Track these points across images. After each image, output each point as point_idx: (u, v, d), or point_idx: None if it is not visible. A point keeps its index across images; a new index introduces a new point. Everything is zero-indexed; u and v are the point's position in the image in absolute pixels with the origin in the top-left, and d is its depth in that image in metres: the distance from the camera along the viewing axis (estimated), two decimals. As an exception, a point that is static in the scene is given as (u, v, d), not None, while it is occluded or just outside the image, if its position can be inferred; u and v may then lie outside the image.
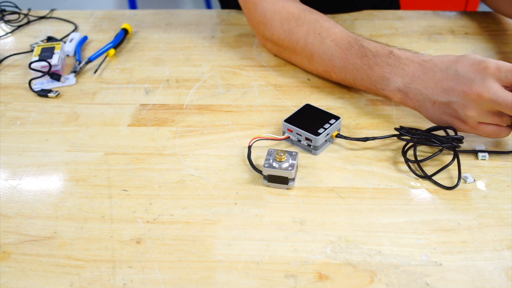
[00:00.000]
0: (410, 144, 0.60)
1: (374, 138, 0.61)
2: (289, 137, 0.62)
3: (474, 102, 0.56)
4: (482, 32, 0.86)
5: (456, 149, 0.58)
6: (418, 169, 0.58)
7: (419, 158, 0.58)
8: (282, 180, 0.56)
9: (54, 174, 0.60)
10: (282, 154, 0.56)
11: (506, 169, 0.59)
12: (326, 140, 0.62)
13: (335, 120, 0.62)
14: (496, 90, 0.54)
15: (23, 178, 0.60)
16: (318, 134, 0.60)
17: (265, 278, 0.48)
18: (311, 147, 0.61)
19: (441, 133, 0.61)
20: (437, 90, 0.59)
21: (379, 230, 0.52)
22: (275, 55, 0.80)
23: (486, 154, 0.60)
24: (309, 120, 0.62)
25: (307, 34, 0.71)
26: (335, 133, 0.62)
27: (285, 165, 0.56)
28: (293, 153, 0.57)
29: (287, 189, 0.57)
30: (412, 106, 0.62)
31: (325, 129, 0.60)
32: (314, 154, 0.61)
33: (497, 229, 0.52)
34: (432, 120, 0.61)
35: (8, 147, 0.65)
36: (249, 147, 0.60)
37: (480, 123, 0.57)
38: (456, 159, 0.57)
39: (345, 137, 0.62)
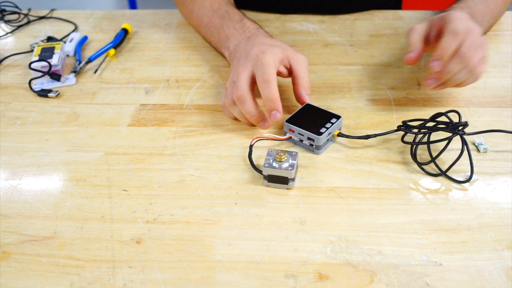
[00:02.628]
0: (417, 139, 0.60)
1: (375, 135, 0.61)
2: (290, 137, 0.62)
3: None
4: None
5: (463, 136, 0.58)
6: (435, 167, 0.58)
7: (419, 152, 0.59)
8: (282, 180, 0.56)
9: (54, 174, 0.60)
10: (282, 154, 0.56)
11: (506, 169, 0.59)
12: (328, 140, 0.62)
13: (336, 119, 0.62)
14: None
15: (23, 178, 0.60)
16: (320, 134, 0.60)
17: (265, 278, 0.48)
18: (314, 146, 0.61)
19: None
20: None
21: (379, 230, 0.52)
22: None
23: (487, 146, 0.61)
24: (311, 120, 0.62)
25: None
26: (337, 132, 0.62)
27: (285, 165, 0.56)
28: (293, 153, 0.57)
29: (287, 189, 0.57)
30: (229, 61, 0.72)
31: (327, 128, 0.60)
32: (317, 153, 0.61)
33: (497, 229, 0.52)
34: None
35: (8, 147, 0.65)
36: (250, 147, 0.60)
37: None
38: (466, 148, 0.57)
39: (346, 136, 0.62)
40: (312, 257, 0.50)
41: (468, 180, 0.56)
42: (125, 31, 0.87)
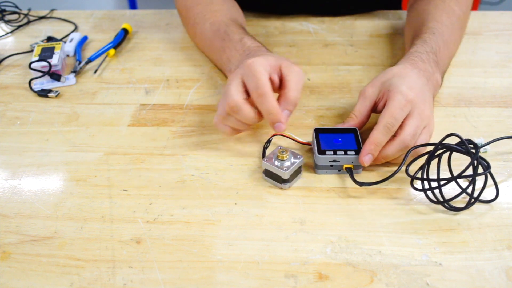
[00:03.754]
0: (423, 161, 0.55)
1: (376, 183, 0.56)
2: (310, 145, 0.62)
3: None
4: (482, 32, 0.86)
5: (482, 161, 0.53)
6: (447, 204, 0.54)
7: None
8: (277, 178, 0.56)
9: (54, 174, 0.60)
10: (284, 152, 0.56)
11: (506, 169, 0.59)
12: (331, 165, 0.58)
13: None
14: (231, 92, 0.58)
15: (23, 178, 0.60)
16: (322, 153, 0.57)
17: (265, 278, 0.48)
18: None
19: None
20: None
21: (379, 230, 0.52)
22: None
23: (488, 147, 0.61)
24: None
25: (197, 14, 0.78)
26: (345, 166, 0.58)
27: (285, 164, 0.55)
28: (298, 156, 0.57)
29: (281, 188, 0.57)
30: None
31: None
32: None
33: (497, 229, 0.52)
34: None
35: (8, 147, 0.65)
36: (268, 141, 0.61)
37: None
38: (489, 173, 0.53)
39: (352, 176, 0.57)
40: (312, 257, 0.50)
41: (495, 199, 0.54)
42: (125, 31, 0.87)
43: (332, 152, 0.57)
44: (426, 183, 0.54)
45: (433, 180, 0.53)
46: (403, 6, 1.08)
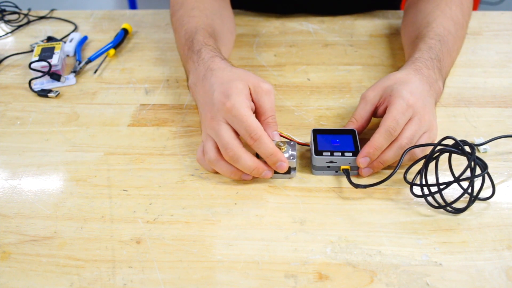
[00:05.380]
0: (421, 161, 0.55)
1: (372, 185, 0.56)
2: (309, 145, 0.62)
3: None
4: (482, 32, 0.86)
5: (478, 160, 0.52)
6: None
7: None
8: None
9: (54, 174, 0.60)
10: (282, 144, 0.56)
11: (506, 169, 0.59)
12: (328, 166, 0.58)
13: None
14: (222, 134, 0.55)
15: (23, 178, 0.60)
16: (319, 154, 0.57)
17: (265, 278, 0.48)
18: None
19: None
20: (202, 98, 0.60)
21: (379, 230, 0.52)
22: None
23: (487, 147, 0.61)
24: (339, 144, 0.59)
25: (178, 19, 0.75)
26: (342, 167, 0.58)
27: (286, 155, 0.56)
28: (292, 143, 0.58)
29: (289, 178, 0.58)
30: (196, 104, 0.64)
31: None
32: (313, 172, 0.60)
33: (497, 229, 0.52)
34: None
35: (8, 147, 0.65)
36: None
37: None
38: (486, 174, 0.53)
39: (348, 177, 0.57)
40: (312, 257, 0.50)
41: (491, 196, 0.54)
42: (125, 31, 0.87)
43: (329, 153, 0.57)
44: (425, 188, 0.54)
45: (432, 185, 0.53)
46: (403, 6, 1.08)
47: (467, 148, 0.52)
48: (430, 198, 0.54)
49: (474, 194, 0.53)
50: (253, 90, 0.57)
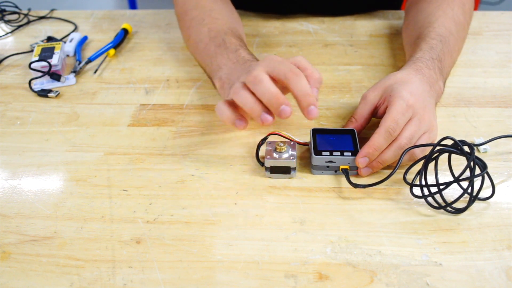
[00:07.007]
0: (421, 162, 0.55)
1: (371, 185, 0.56)
2: (308, 145, 0.62)
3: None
4: (482, 32, 0.86)
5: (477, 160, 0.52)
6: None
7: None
8: (285, 170, 0.57)
9: (54, 174, 0.60)
10: (282, 144, 0.57)
11: (506, 169, 0.59)
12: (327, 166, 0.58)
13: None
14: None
15: (23, 178, 0.60)
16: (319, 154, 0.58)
17: (265, 278, 0.48)
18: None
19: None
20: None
21: (379, 230, 0.52)
22: None
23: (488, 146, 0.61)
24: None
25: (194, 18, 0.76)
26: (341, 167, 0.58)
27: (286, 155, 0.57)
28: (292, 143, 0.58)
29: (289, 178, 0.58)
30: (221, 93, 0.66)
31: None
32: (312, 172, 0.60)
33: (497, 229, 0.52)
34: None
35: (8, 147, 0.65)
36: (264, 139, 0.59)
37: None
38: (486, 174, 0.52)
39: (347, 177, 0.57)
40: (312, 257, 0.50)
41: (491, 196, 0.54)
42: (125, 31, 0.87)
43: (328, 153, 0.57)
44: (425, 189, 0.54)
45: (432, 185, 0.53)
46: (403, 6, 1.08)
47: (466, 148, 0.52)
48: (430, 199, 0.54)
49: (474, 194, 0.53)
50: (294, 61, 0.58)
